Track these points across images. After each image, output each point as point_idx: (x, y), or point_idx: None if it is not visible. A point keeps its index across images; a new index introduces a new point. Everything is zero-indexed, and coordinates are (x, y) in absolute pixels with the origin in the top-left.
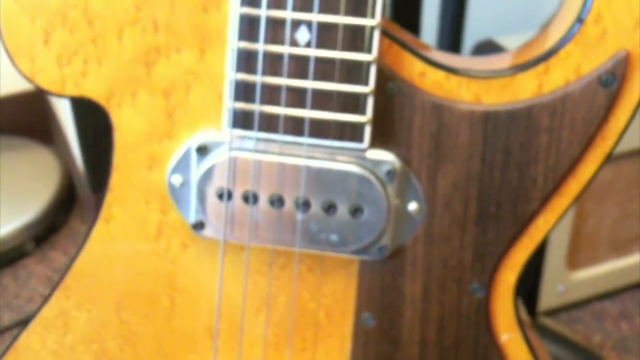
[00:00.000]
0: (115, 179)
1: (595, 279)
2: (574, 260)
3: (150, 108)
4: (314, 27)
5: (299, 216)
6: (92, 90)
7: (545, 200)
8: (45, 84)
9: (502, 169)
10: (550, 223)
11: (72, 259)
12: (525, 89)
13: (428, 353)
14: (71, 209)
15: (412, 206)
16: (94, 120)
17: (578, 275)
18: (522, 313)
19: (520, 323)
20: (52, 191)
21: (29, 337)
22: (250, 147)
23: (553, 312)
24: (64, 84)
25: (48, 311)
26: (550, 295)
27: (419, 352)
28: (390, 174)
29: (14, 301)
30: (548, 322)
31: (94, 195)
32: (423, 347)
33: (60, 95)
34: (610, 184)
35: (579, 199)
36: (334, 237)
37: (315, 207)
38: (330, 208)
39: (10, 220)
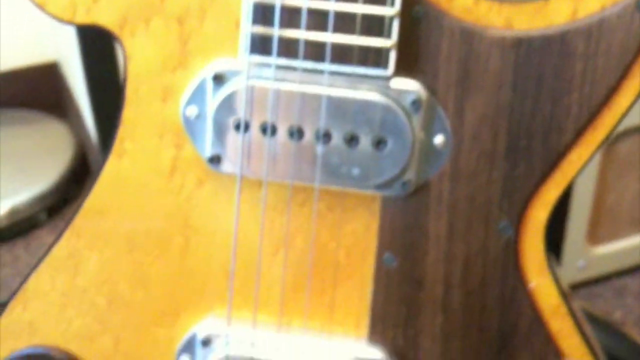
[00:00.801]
0: (128, 112)
1: (616, 255)
2: (595, 235)
3: (164, 36)
4: None
5: (319, 149)
6: (104, 18)
7: (579, 132)
8: (55, 11)
9: (534, 99)
10: (584, 158)
11: (84, 197)
12: (559, 14)
13: (452, 295)
14: (84, 181)
15: (438, 139)
16: (109, 92)
17: (599, 251)
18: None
19: (551, 267)
20: (65, 163)
21: (39, 278)
22: (268, 75)
23: (573, 288)
24: (74, 11)
25: (58, 251)
26: (570, 270)
27: (443, 294)
28: (416, 104)
29: (26, 271)
30: None
31: None
32: (447, 289)
33: (71, 23)
34: (632, 158)
35: (612, 133)
36: (355, 171)
37: (337, 139)
38: (352, 140)
39: (24, 191)
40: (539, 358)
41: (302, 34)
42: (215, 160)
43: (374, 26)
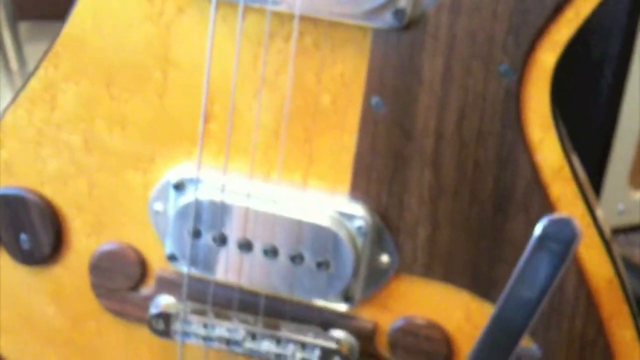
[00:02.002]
0: None
1: None
2: (638, 178)
3: None
4: None
5: None
6: None
7: None
8: None
9: None
10: None
11: (63, 24)
12: None
13: (444, 148)
14: None
15: None
16: None
17: None
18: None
19: (557, 123)
20: None
21: (16, 113)
22: None
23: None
24: None
25: (36, 83)
26: (608, 213)
27: (433, 146)
28: None
29: None
30: None
31: None
32: (438, 141)
33: None
34: None
35: None
36: None
37: None
38: None
39: None
40: (535, 226)
41: None
42: None
43: None
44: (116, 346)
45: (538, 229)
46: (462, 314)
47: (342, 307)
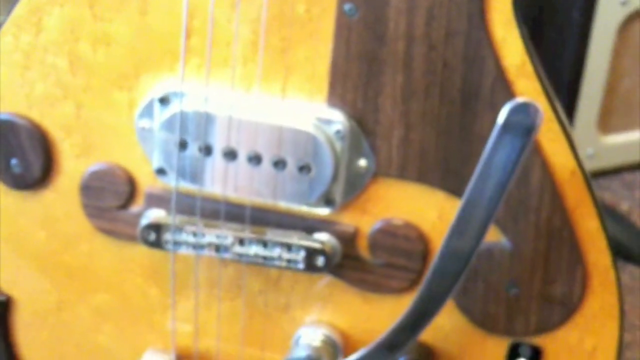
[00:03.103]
0: None
1: (628, 146)
2: (606, 123)
3: None
4: None
5: None
6: None
7: None
8: None
9: None
10: None
11: None
12: None
13: (414, 49)
14: None
15: None
16: None
17: (609, 140)
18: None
19: (518, 21)
20: None
21: (3, 39)
22: None
23: None
24: None
25: (21, 8)
26: None
27: (405, 48)
28: None
29: None
30: None
31: None
32: (409, 43)
33: None
34: None
35: None
36: None
37: None
38: None
39: None
40: None
41: None
42: None
43: None
44: (108, 267)
45: (502, 115)
46: (436, 213)
47: (323, 211)
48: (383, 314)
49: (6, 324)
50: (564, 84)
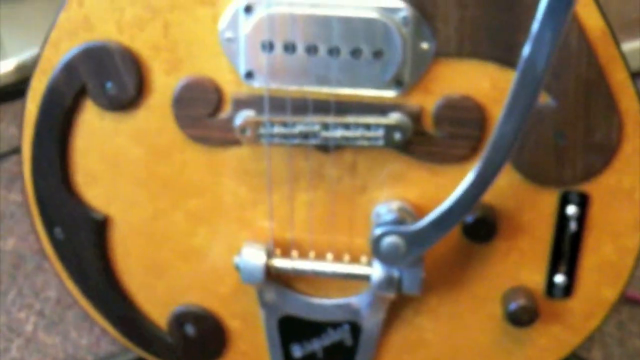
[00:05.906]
0: None
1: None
2: None
3: None
4: None
5: None
6: None
7: None
8: None
9: None
10: None
11: None
12: None
13: None
14: None
15: None
16: None
17: None
18: None
19: None
20: None
21: None
22: None
23: None
24: None
25: None
26: None
27: None
28: None
29: None
30: None
31: None
32: None
33: None
34: None
35: None
36: None
37: None
38: None
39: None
40: None
41: None
42: None
43: None
44: (200, 173)
45: None
46: (489, 84)
47: (394, 93)
48: (448, 183)
49: (104, 241)
50: None
